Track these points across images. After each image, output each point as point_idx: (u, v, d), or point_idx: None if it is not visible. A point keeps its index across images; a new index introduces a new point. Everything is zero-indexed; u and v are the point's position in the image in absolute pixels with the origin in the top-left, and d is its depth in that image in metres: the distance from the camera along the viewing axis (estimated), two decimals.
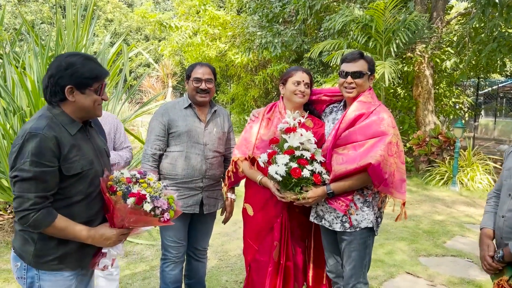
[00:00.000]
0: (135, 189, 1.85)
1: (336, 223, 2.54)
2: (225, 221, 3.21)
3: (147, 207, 1.83)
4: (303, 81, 2.71)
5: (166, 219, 1.92)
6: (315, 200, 2.48)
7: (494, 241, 2.20)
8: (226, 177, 2.94)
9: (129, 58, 6.09)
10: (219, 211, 3.20)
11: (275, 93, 14.87)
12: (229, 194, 3.11)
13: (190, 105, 2.96)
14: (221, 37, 13.79)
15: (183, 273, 3.20)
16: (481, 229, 2.29)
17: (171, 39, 14.35)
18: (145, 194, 1.84)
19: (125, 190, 1.84)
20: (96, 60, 1.89)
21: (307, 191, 2.45)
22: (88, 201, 1.85)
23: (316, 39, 10.54)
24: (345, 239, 2.55)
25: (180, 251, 3.01)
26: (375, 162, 2.33)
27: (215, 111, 3.05)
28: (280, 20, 11.06)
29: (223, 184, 3.08)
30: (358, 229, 2.51)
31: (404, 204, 2.53)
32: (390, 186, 2.42)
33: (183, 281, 3.20)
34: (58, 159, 1.73)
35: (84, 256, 1.90)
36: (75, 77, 1.77)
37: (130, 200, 1.80)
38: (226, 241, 4.97)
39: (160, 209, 1.89)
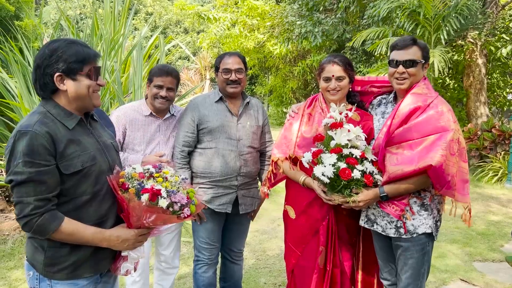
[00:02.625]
0: (149, 184, 1.68)
1: (390, 228, 2.28)
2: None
3: (163, 203, 1.66)
4: (333, 75, 2.44)
5: (186, 215, 1.74)
6: (366, 203, 2.23)
7: None
8: (266, 178, 2.73)
9: (168, 50, 6.00)
10: None
11: (314, 84, 14.51)
12: (263, 188, 2.90)
13: (221, 98, 2.78)
14: (259, 27, 13.54)
15: (219, 276, 3.05)
16: None
17: (210, 31, 14.27)
18: (160, 189, 1.67)
19: (138, 186, 1.67)
20: (83, 42, 1.74)
21: (357, 193, 2.20)
22: (96, 201, 1.69)
23: (359, 27, 10.08)
24: (401, 246, 2.29)
25: (213, 253, 2.86)
26: (436, 163, 2.05)
27: (247, 103, 2.85)
28: (321, 9, 10.65)
29: (261, 183, 2.87)
30: (415, 235, 2.25)
31: (470, 209, 2.23)
32: (453, 189, 2.14)
33: (217, 284, 3.04)
34: (54, 157, 1.56)
35: (99, 261, 1.74)
36: (62, 63, 1.61)
37: (144, 197, 1.64)
38: (264, 239, 4.78)
39: (179, 204, 1.71)
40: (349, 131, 2.20)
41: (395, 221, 2.28)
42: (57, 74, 1.62)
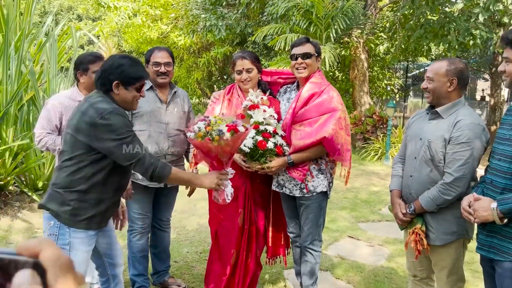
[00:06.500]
0: (222, 127, 2.26)
1: (296, 190, 2.89)
2: (190, 194, 3.47)
3: (242, 129, 2.30)
4: (243, 68, 2.94)
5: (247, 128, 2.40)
6: (277, 169, 2.81)
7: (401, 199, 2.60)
8: (193, 155, 3.18)
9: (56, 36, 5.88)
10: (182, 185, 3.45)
11: (218, 76, 15.01)
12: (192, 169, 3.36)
13: (151, 87, 3.14)
14: (162, 18, 13.60)
15: (149, 244, 3.43)
16: (391, 191, 2.67)
17: (110, 20, 13.91)
18: (235, 123, 2.30)
19: (218, 132, 2.23)
20: (141, 63, 2.34)
21: (270, 161, 2.78)
22: (122, 170, 2.25)
23: (260, 23, 10.80)
24: (303, 203, 2.92)
25: (146, 222, 3.24)
26: (328, 135, 2.70)
27: (175, 92, 3.26)
28: (224, 3, 11.17)
29: (189, 161, 3.32)
30: (314, 194, 2.88)
31: (349, 170, 2.94)
32: (342, 155, 2.82)
33: (149, 251, 3.43)
34: None
35: (105, 219, 2.34)
36: (122, 75, 2.17)
37: (228, 134, 2.24)
38: (183, 218, 5.22)
39: (239, 128, 2.33)
40: (264, 111, 2.75)
41: (299, 184, 2.89)
42: (116, 81, 2.16)
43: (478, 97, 19.23)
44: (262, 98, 2.81)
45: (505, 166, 2.04)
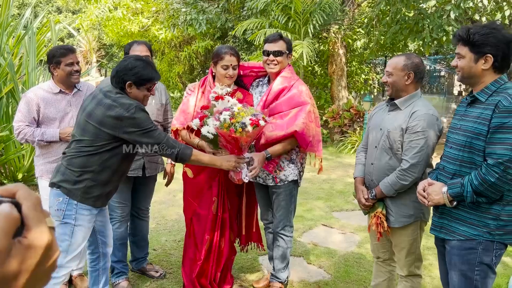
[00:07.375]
0: (246, 119, 2.57)
1: (269, 179, 3.05)
2: (167, 184, 3.60)
3: (262, 123, 2.62)
4: (231, 64, 3.02)
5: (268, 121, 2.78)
6: (261, 164, 2.88)
7: (364, 186, 2.79)
8: None
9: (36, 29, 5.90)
10: (160, 176, 3.57)
11: (200, 69, 15.06)
12: (169, 160, 3.48)
13: None
14: (143, 11, 13.56)
15: (128, 232, 3.55)
16: (354, 178, 2.86)
17: (90, 13, 13.80)
18: (257, 117, 2.60)
19: (242, 124, 2.54)
20: (154, 65, 2.56)
21: None
22: (130, 158, 2.60)
23: (240, 17, 10.90)
24: (275, 192, 3.08)
25: (125, 211, 3.35)
26: (299, 129, 2.85)
27: None
28: None
29: None
30: (286, 182, 3.04)
31: (321, 160, 3.11)
32: (314, 146, 2.98)
33: (128, 239, 3.55)
34: None
35: (106, 199, 2.61)
36: (135, 77, 2.40)
37: (249, 127, 2.55)
38: (162, 208, 5.34)
39: (260, 120, 2.65)
40: (228, 101, 2.85)
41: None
42: (128, 82, 2.39)
43: (455, 92, 19.68)
44: (227, 91, 2.91)
45: (455, 153, 2.22)
